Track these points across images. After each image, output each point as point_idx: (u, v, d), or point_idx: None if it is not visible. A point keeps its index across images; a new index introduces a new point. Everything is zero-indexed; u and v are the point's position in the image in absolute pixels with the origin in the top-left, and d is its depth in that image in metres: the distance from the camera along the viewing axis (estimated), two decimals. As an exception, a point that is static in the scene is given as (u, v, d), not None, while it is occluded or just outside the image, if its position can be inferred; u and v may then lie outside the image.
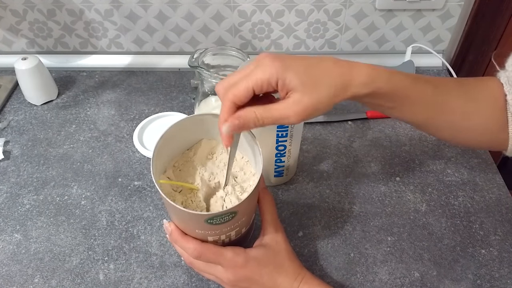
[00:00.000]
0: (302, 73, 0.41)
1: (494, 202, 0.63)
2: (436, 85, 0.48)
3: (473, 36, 0.83)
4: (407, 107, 0.47)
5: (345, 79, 0.42)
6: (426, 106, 0.48)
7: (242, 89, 0.41)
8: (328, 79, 0.42)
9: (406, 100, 0.46)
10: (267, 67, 0.40)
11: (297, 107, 0.41)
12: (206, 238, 0.47)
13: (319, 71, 0.42)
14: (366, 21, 0.82)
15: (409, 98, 0.46)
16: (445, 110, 0.49)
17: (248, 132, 0.48)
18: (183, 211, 0.42)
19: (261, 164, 0.45)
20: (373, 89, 0.43)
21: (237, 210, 0.44)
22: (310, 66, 0.42)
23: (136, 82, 0.86)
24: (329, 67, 0.42)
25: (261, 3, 0.79)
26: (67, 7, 0.81)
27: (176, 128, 0.48)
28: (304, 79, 0.40)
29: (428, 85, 0.48)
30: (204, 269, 0.48)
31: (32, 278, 0.56)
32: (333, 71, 0.42)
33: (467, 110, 0.50)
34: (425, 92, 0.47)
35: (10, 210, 0.64)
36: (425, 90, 0.47)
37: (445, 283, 0.55)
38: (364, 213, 0.62)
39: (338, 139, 0.73)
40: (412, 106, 0.47)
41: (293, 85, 0.40)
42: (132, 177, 0.68)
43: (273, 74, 0.40)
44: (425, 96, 0.47)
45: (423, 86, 0.47)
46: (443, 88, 0.49)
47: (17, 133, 0.75)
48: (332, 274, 0.56)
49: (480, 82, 0.52)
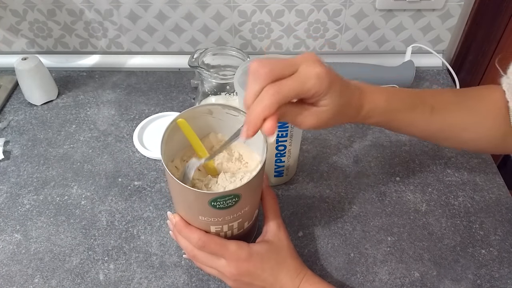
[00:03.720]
0: (336, 97, 0.42)
1: (494, 202, 0.63)
2: (434, 104, 0.50)
3: (473, 36, 0.83)
4: (403, 129, 0.51)
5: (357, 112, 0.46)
6: (424, 126, 0.51)
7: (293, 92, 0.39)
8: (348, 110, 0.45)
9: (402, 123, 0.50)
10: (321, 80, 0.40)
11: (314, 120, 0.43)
12: (209, 228, 0.47)
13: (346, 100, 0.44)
14: (366, 21, 0.82)
15: (404, 123, 0.50)
16: (444, 128, 0.51)
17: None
18: (188, 190, 0.43)
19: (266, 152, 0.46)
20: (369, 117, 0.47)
21: (240, 194, 0.44)
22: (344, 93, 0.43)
23: (136, 82, 0.86)
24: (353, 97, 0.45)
25: (261, 3, 0.79)
26: (67, 7, 0.81)
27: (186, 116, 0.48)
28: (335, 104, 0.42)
29: (426, 108, 0.50)
30: (206, 261, 0.48)
31: (32, 278, 0.56)
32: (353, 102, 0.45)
33: (467, 122, 0.51)
34: (422, 116, 0.50)
35: (10, 210, 0.64)
36: (422, 114, 0.50)
37: (445, 283, 0.55)
38: (364, 213, 0.62)
39: (338, 139, 0.73)
40: (408, 128, 0.51)
41: (324, 104, 0.42)
42: (132, 177, 0.68)
43: (322, 90, 0.40)
44: (421, 119, 0.50)
45: (421, 109, 0.50)
46: (441, 105, 0.50)
47: (17, 133, 0.75)
48: (332, 274, 0.56)
49: (480, 92, 0.53)
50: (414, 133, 0.52)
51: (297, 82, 0.39)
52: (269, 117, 0.39)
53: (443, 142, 0.55)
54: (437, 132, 0.52)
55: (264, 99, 0.38)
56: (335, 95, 0.42)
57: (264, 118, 0.39)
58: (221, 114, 0.50)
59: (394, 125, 0.50)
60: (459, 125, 0.51)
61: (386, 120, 0.49)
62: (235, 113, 0.49)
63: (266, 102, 0.38)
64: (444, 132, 0.52)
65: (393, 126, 0.50)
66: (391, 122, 0.49)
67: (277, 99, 0.38)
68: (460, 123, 0.51)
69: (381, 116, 0.48)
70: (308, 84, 0.39)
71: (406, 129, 0.51)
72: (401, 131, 0.52)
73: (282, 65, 0.39)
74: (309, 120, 0.43)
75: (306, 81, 0.39)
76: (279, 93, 0.38)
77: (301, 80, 0.39)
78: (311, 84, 0.39)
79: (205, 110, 0.50)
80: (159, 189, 0.66)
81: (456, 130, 0.51)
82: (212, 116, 0.51)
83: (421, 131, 0.52)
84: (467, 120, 0.51)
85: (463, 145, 0.55)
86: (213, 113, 0.50)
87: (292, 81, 0.39)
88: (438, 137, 0.53)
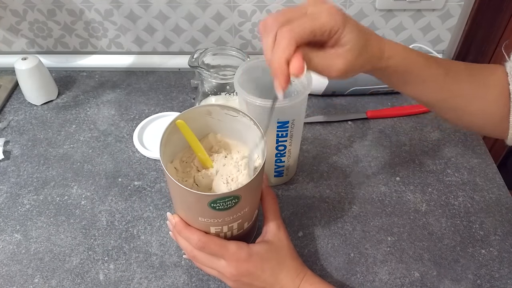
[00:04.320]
0: (355, 33, 0.41)
1: (494, 202, 0.63)
2: (448, 69, 0.49)
3: (473, 36, 0.83)
4: (417, 87, 0.49)
5: (378, 52, 0.44)
6: (436, 88, 0.50)
7: (307, 30, 0.38)
8: (370, 48, 0.43)
9: (416, 79, 0.48)
10: (333, 15, 0.39)
11: (342, 61, 0.41)
12: (208, 229, 0.47)
13: (365, 37, 0.43)
14: (366, 21, 0.82)
15: (420, 79, 0.48)
16: (454, 94, 0.50)
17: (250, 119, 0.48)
18: (187, 192, 0.43)
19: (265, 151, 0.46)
20: (389, 65, 0.45)
21: (240, 195, 0.44)
22: (360, 29, 0.42)
23: (136, 82, 0.86)
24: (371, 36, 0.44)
25: (261, 3, 0.79)
26: (67, 7, 0.81)
27: (184, 117, 0.48)
28: (356, 40, 0.41)
29: (440, 69, 0.49)
30: (206, 262, 0.48)
31: (32, 278, 0.56)
32: (373, 41, 0.44)
33: (475, 94, 0.51)
34: (437, 75, 0.49)
35: (10, 210, 0.64)
36: (437, 73, 0.49)
37: (445, 283, 0.55)
38: (364, 213, 0.62)
39: (338, 139, 0.73)
40: (422, 86, 0.49)
41: (345, 41, 0.41)
42: (132, 177, 0.68)
43: (337, 25, 0.39)
44: (436, 79, 0.49)
45: (436, 69, 0.49)
46: (454, 72, 0.50)
47: (17, 133, 0.75)
48: (332, 274, 0.56)
49: (490, 68, 0.53)
50: (426, 94, 0.50)
51: (309, 19, 0.39)
52: (291, 57, 0.38)
53: (449, 113, 0.53)
54: (447, 99, 0.51)
55: (280, 42, 0.38)
56: (354, 30, 0.41)
57: (287, 60, 0.38)
58: (220, 115, 0.50)
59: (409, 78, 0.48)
60: (467, 95, 0.50)
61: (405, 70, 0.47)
62: (234, 114, 0.49)
63: (283, 44, 0.38)
64: (453, 99, 0.51)
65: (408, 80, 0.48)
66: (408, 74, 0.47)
67: (292, 36, 0.38)
68: (468, 93, 0.50)
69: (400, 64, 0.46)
70: (320, 19, 0.39)
71: (419, 88, 0.49)
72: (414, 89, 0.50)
73: (288, 10, 0.40)
74: (338, 63, 0.41)
75: (318, 18, 0.39)
76: (292, 31, 0.38)
77: (312, 17, 0.39)
78: (324, 19, 0.39)
79: (204, 110, 0.50)
80: (159, 189, 0.66)
81: (463, 100, 0.51)
82: (211, 117, 0.51)
83: (432, 93, 0.50)
84: (475, 92, 0.51)
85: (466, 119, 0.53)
86: (212, 113, 0.50)
87: (304, 19, 0.39)
88: (447, 105, 0.52)
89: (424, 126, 0.75)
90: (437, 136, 0.73)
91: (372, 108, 0.78)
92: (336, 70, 0.42)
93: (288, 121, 0.55)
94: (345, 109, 0.78)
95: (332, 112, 0.78)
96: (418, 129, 0.75)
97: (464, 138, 0.73)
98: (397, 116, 0.77)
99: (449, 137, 0.73)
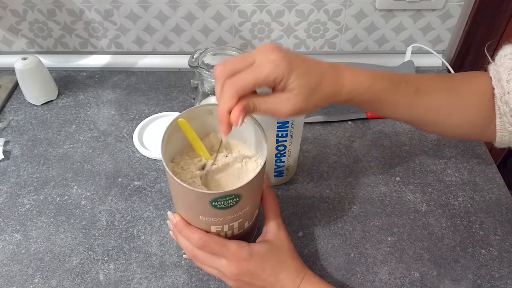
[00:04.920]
0: (302, 77, 0.42)
1: (494, 202, 0.63)
2: (418, 86, 0.50)
3: (473, 36, 0.83)
4: (388, 110, 0.50)
5: (334, 91, 0.45)
6: (409, 107, 0.50)
7: (250, 83, 0.41)
8: (322, 89, 0.44)
9: (385, 104, 0.49)
10: (277, 65, 0.41)
11: (289, 106, 0.43)
12: (209, 228, 0.47)
13: (316, 80, 0.44)
14: (366, 21, 0.82)
15: (389, 103, 0.49)
16: (428, 110, 0.51)
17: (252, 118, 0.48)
18: (188, 190, 0.43)
19: (266, 151, 0.46)
20: (352, 97, 0.46)
21: (241, 193, 0.44)
22: (310, 72, 0.43)
23: (136, 82, 0.86)
24: (325, 76, 0.44)
25: (261, 3, 0.79)
26: (67, 7, 0.81)
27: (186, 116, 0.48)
28: (304, 84, 0.42)
29: (410, 88, 0.49)
30: (207, 261, 0.48)
31: (32, 278, 0.56)
32: (327, 80, 0.44)
33: (452, 106, 0.51)
34: (407, 96, 0.49)
35: (10, 210, 0.64)
36: (406, 95, 0.49)
37: (445, 283, 0.55)
38: (364, 213, 0.62)
39: (338, 139, 0.73)
40: (393, 109, 0.50)
41: (292, 87, 0.42)
42: (132, 177, 0.68)
43: (281, 74, 0.41)
44: (406, 101, 0.49)
45: (404, 91, 0.49)
46: (426, 88, 0.50)
47: (17, 133, 0.75)
48: (332, 274, 0.56)
49: (467, 77, 0.53)
50: (399, 115, 0.51)
51: (253, 72, 0.41)
52: (232, 108, 0.41)
53: (428, 127, 0.54)
54: (422, 115, 0.51)
55: (224, 93, 0.41)
56: (301, 75, 0.42)
57: (229, 110, 0.41)
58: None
59: (378, 105, 0.49)
60: (444, 108, 0.50)
61: (370, 99, 0.48)
62: None
63: (226, 96, 0.41)
64: (428, 115, 0.51)
65: (377, 107, 0.50)
66: (376, 102, 0.48)
67: (235, 89, 0.41)
68: (445, 106, 0.50)
69: (364, 95, 0.47)
70: (263, 72, 0.41)
71: (391, 110, 0.50)
72: (386, 112, 0.51)
73: (237, 61, 0.42)
74: (285, 107, 0.43)
75: (262, 70, 0.41)
76: (235, 85, 0.41)
77: (256, 70, 0.41)
78: (268, 71, 0.41)
79: (205, 110, 0.50)
80: (159, 189, 0.66)
81: (441, 114, 0.51)
82: (212, 116, 0.51)
83: (405, 113, 0.51)
84: (452, 104, 0.51)
85: (446, 131, 0.54)
86: (213, 113, 0.50)
87: (248, 72, 0.41)
88: (423, 120, 0.52)
89: (424, 126, 0.75)
90: (437, 136, 0.73)
91: (372, 108, 0.78)
92: (284, 113, 0.43)
93: (288, 121, 0.55)
94: (345, 109, 0.78)
95: (332, 112, 0.78)
96: (418, 129, 0.75)
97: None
98: (397, 116, 0.77)
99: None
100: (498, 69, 0.50)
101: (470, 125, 0.52)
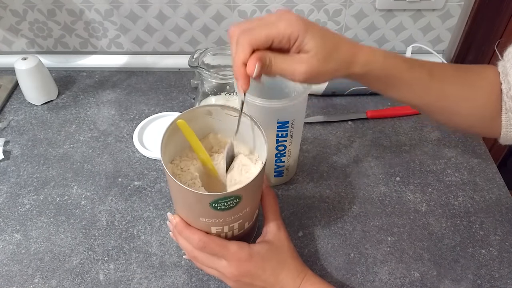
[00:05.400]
0: (319, 39, 0.42)
1: (494, 202, 0.63)
2: (432, 71, 0.49)
3: (473, 36, 0.83)
4: (401, 91, 0.49)
5: (350, 58, 0.44)
6: (421, 91, 0.50)
7: (263, 36, 0.41)
8: (338, 54, 0.44)
9: (400, 83, 0.48)
10: (292, 23, 0.41)
11: (305, 66, 0.42)
12: (209, 229, 0.47)
13: (332, 43, 0.43)
14: (366, 21, 0.82)
15: (403, 82, 0.48)
16: (440, 96, 0.50)
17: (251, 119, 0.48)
18: (188, 192, 0.43)
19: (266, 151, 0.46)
20: (368, 70, 0.45)
21: (241, 195, 0.44)
22: (326, 35, 0.43)
23: (136, 82, 0.86)
24: (341, 42, 0.44)
25: (261, 3, 0.79)
26: (67, 7, 0.81)
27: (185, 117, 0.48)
28: (320, 46, 0.42)
29: (424, 71, 0.49)
30: (207, 262, 0.48)
31: (32, 278, 0.56)
32: (343, 46, 0.44)
33: (462, 95, 0.51)
34: (421, 78, 0.49)
35: (10, 210, 0.64)
36: (421, 76, 0.49)
37: (445, 283, 0.55)
38: (364, 213, 0.62)
39: (338, 139, 0.73)
40: (406, 90, 0.49)
41: (308, 47, 0.42)
42: (132, 177, 0.68)
43: (296, 31, 0.41)
44: (420, 82, 0.49)
45: (419, 72, 0.49)
46: (439, 74, 0.50)
47: (17, 133, 0.75)
48: (332, 274, 0.56)
49: (479, 69, 0.53)
50: (410, 98, 0.51)
51: (267, 26, 0.41)
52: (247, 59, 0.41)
53: (438, 115, 0.54)
54: (434, 101, 0.51)
55: (238, 47, 0.41)
56: (317, 36, 0.42)
57: (244, 62, 0.41)
58: (221, 115, 0.50)
59: (392, 84, 0.48)
60: (454, 96, 0.50)
61: (385, 76, 0.47)
62: (234, 114, 0.49)
63: (240, 48, 0.41)
64: (440, 101, 0.51)
65: (391, 87, 0.49)
66: (390, 80, 0.48)
67: (248, 40, 0.41)
68: (456, 95, 0.50)
69: (380, 70, 0.46)
70: (278, 27, 0.41)
71: (404, 91, 0.50)
72: (399, 94, 0.50)
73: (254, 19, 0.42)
74: (301, 67, 0.42)
75: (276, 25, 0.41)
76: (248, 36, 0.41)
77: (270, 25, 0.41)
78: (281, 27, 0.41)
79: (205, 111, 0.50)
80: (159, 189, 0.66)
81: (452, 102, 0.51)
82: (211, 117, 0.51)
83: (418, 96, 0.50)
84: (463, 93, 0.51)
85: (454, 120, 0.54)
86: (213, 113, 0.50)
87: (262, 27, 0.41)
88: (434, 107, 0.52)
89: (424, 126, 0.75)
90: (437, 136, 0.73)
91: (372, 108, 0.78)
92: (299, 74, 0.43)
93: (288, 121, 0.55)
94: (345, 109, 0.78)
95: (332, 112, 0.78)
96: (418, 129, 0.75)
97: (464, 138, 0.73)
98: (397, 116, 0.77)
99: (449, 137, 0.73)
100: (505, 65, 0.50)
101: (478, 117, 0.52)
